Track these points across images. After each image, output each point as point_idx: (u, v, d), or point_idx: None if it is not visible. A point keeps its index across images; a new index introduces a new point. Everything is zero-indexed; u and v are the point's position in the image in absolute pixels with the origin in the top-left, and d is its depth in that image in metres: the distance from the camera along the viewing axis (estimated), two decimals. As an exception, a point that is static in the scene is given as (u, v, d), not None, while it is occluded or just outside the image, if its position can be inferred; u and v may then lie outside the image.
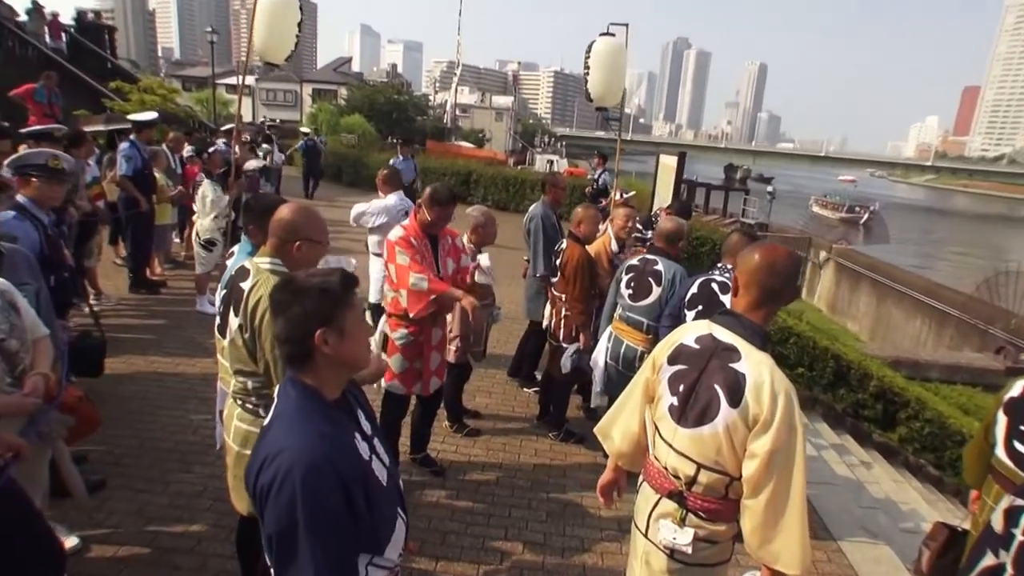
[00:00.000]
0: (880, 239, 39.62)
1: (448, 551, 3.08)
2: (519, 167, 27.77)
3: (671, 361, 1.86)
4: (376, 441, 1.50)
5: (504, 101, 64.07)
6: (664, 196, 8.08)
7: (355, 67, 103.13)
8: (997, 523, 1.37)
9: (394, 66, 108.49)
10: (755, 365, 1.68)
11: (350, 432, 1.39)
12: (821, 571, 3.35)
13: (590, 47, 6.21)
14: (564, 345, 4.18)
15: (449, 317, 3.74)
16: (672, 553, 1.82)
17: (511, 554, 3.13)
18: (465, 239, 4.07)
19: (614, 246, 4.56)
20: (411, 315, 3.20)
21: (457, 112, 45.29)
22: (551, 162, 33.38)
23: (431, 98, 55.84)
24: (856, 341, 13.62)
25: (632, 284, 3.77)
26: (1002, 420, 2.47)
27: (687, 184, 30.87)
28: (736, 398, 1.66)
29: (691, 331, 1.88)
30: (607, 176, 12.36)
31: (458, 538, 3.19)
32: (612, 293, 3.97)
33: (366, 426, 1.50)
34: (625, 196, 7.22)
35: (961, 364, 9.11)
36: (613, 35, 6.27)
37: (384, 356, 3.30)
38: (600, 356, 3.97)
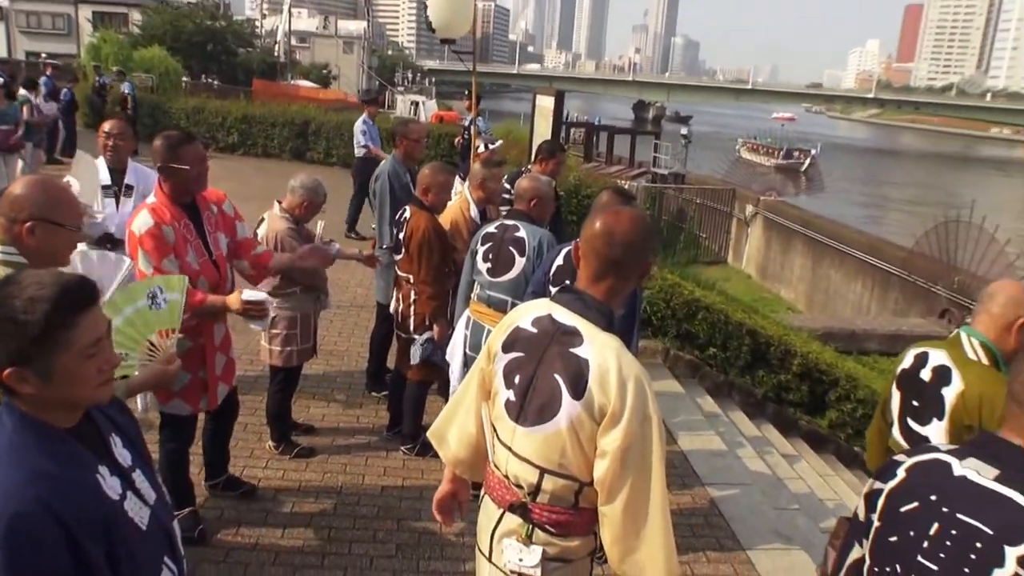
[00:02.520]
0: (817, 188, 42.98)
1: (268, 605, 3.09)
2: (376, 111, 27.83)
3: (506, 348, 1.93)
4: (138, 474, 1.47)
5: (355, 27, 63.49)
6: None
7: None
8: (860, 510, 1.56)
9: None
10: (599, 349, 1.77)
11: (90, 467, 1.35)
12: (725, 589, 3.65)
13: None
14: (414, 336, 4.22)
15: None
16: None
17: (352, 602, 3.17)
18: (278, 210, 4.08)
19: (474, 212, 4.57)
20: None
21: (293, 42, 44.31)
22: (416, 104, 33.34)
23: (258, 25, 53.84)
24: (790, 311, 14.80)
25: (491, 256, 3.82)
26: (896, 396, 2.81)
27: (587, 128, 32.02)
28: (579, 388, 1.75)
29: (529, 312, 1.96)
30: (483, 122, 12.71)
31: (283, 586, 3.20)
32: (467, 269, 4.03)
33: (123, 455, 1.46)
34: (491, 147, 7.31)
35: (902, 332, 10.13)
36: None
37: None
38: (458, 347, 4.05)
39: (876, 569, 1.50)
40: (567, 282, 3.32)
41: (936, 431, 2.61)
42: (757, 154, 55.90)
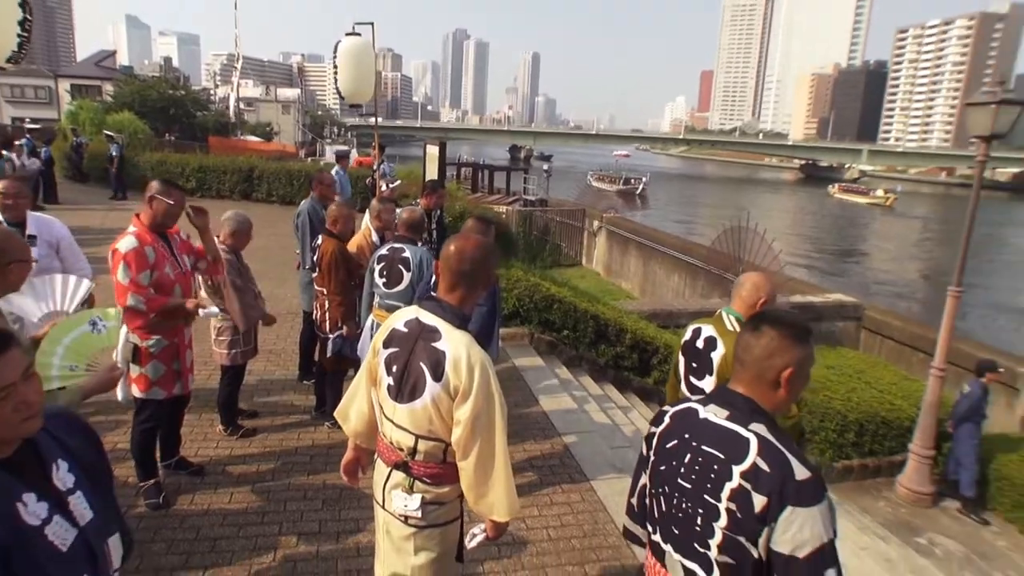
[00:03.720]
0: (647, 206, 44.72)
1: (218, 557, 3.02)
2: (309, 159, 27.50)
3: (386, 345, 1.98)
4: (77, 496, 1.29)
5: (290, 93, 63.39)
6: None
7: (123, 61, 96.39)
8: (643, 448, 1.64)
9: (168, 59, 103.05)
10: (454, 343, 1.85)
11: (10, 494, 1.18)
12: (576, 510, 3.73)
13: (336, 47, 6.24)
14: (329, 335, 4.28)
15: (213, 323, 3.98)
16: (406, 519, 1.96)
17: (285, 548, 3.14)
18: (218, 243, 3.98)
19: (375, 238, 4.72)
20: (130, 329, 3.15)
21: (241, 106, 43.04)
22: (338, 152, 32.79)
23: (212, 92, 51.83)
24: (628, 298, 15.29)
25: (385, 273, 3.89)
26: (681, 360, 2.97)
27: (473, 167, 32.07)
28: (438, 373, 1.83)
29: (402, 316, 2.01)
30: (387, 166, 12.65)
31: (229, 542, 3.14)
32: (368, 283, 4.07)
33: (64, 479, 1.28)
34: (391, 186, 7.20)
35: (705, 309, 10.57)
36: (359, 34, 6.33)
37: (133, 367, 3.21)
38: (366, 344, 4.02)
39: (653, 491, 1.58)
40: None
41: (709, 384, 2.77)
42: (603, 182, 57.61)
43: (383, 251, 3.92)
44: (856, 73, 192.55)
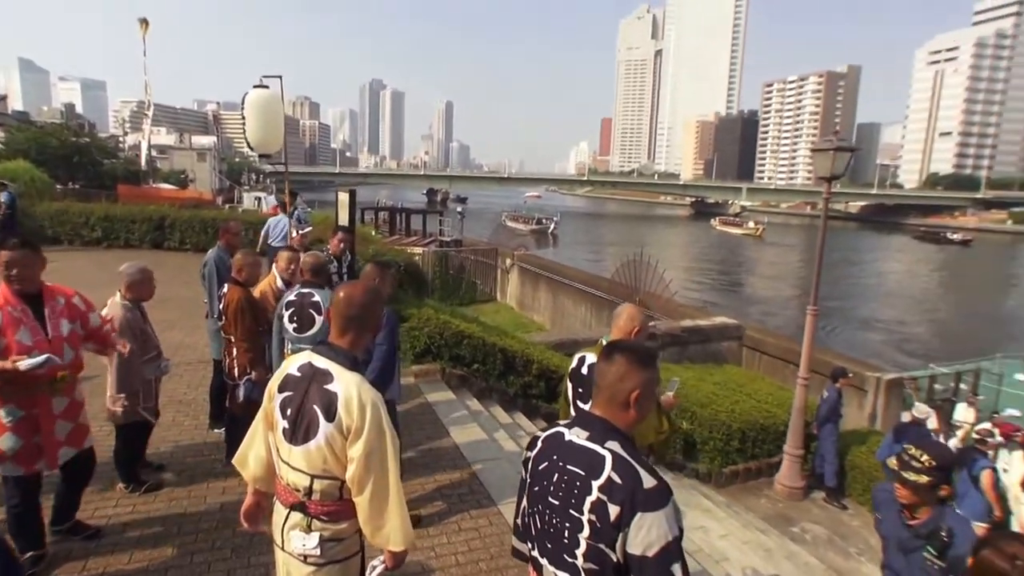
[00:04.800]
0: (558, 243, 45.88)
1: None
2: (227, 206, 26.30)
3: (280, 389, 1.97)
4: None
5: (206, 141, 59.99)
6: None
7: (17, 106, 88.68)
8: (522, 472, 1.75)
9: (71, 106, 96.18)
10: (345, 384, 1.87)
11: None
12: (483, 535, 3.79)
13: (244, 98, 6.16)
14: (239, 382, 4.12)
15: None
16: (305, 558, 1.93)
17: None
18: (119, 297, 3.80)
19: (280, 284, 4.62)
20: None
21: (154, 153, 40.43)
22: (259, 199, 31.80)
23: (122, 140, 48.31)
24: (539, 330, 15.60)
25: (295, 318, 3.80)
26: (569, 386, 3.13)
27: (390, 210, 31.94)
28: (331, 414, 1.84)
29: (296, 361, 2.01)
30: (301, 211, 12.35)
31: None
32: (276, 328, 3.96)
33: None
34: (302, 233, 7.12)
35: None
36: (267, 87, 6.27)
37: None
38: None
39: (530, 510, 1.66)
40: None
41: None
42: (518, 222, 58.71)
43: (291, 296, 3.86)
44: (733, 120, 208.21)
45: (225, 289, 4.22)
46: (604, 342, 3.04)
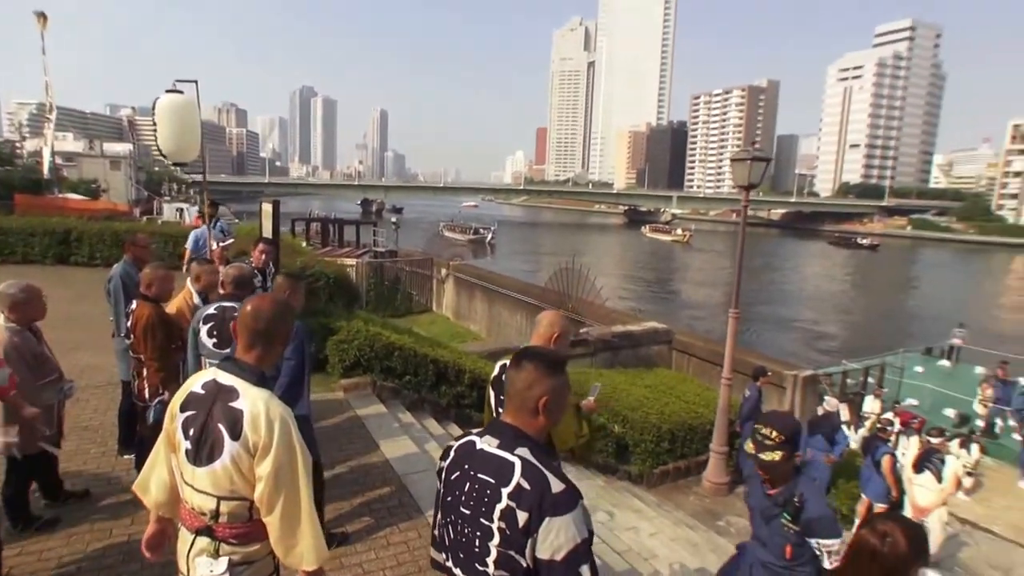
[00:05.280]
0: (495, 252, 46.05)
1: None
2: (145, 218, 24.69)
3: (183, 408, 1.88)
4: None
5: (121, 148, 55.83)
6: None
7: None
8: (437, 482, 1.72)
9: None
10: (252, 401, 1.80)
11: None
12: (412, 547, 3.75)
13: (155, 104, 5.84)
14: (150, 404, 3.86)
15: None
16: None
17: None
18: (2, 319, 3.50)
19: (196, 300, 4.39)
20: None
21: (59, 161, 37.40)
22: (181, 210, 30.17)
23: (19, 145, 44.37)
24: (475, 339, 15.60)
25: (215, 332, 3.63)
26: (491, 393, 3.14)
27: (322, 221, 31.17)
28: (236, 432, 1.77)
29: (200, 378, 1.93)
30: (225, 223, 11.85)
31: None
32: (191, 346, 3.76)
33: None
34: (222, 245, 6.85)
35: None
36: (181, 92, 5.96)
37: None
38: None
39: (443, 520, 1.64)
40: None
41: (511, 413, 2.98)
42: (455, 232, 58.56)
43: (210, 310, 3.69)
44: (664, 131, 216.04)
45: (133, 305, 3.97)
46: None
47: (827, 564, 2.63)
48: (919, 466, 6.57)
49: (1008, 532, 8.87)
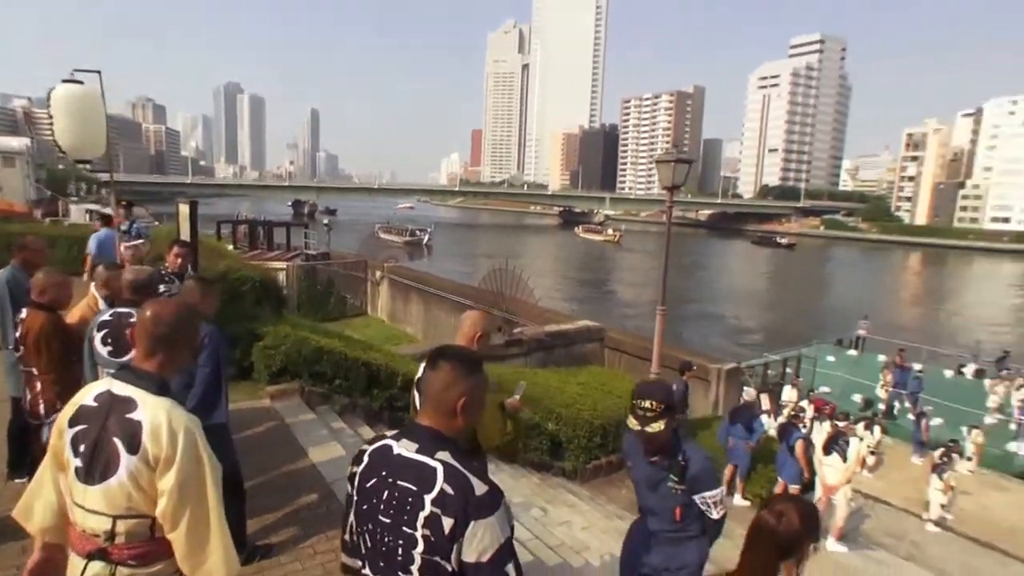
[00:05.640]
0: (432, 253, 45.71)
1: None
2: (48, 220, 22.96)
3: (72, 423, 1.75)
4: None
5: (16, 143, 50.95)
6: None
7: None
8: (348, 488, 1.67)
9: None
10: (152, 411, 1.70)
11: None
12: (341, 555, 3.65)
13: (50, 94, 5.41)
14: (44, 421, 3.57)
15: None
16: None
17: None
18: None
19: (102, 306, 4.08)
20: None
21: None
22: (91, 212, 28.18)
23: None
24: (411, 342, 15.43)
25: (110, 340, 3.40)
26: (416, 394, 3.12)
27: (249, 223, 29.97)
28: (134, 445, 1.66)
29: (92, 390, 1.80)
30: (140, 225, 11.16)
31: None
32: (87, 354, 3.50)
33: None
34: (132, 245, 6.47)
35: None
36: (80, 82, 5.55)
37: None
38: None
39: (359, 529, 1.58)
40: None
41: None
42: (391, 234, 57.71)
43: (105, 316, 3.43)
44: (596, 133, 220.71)
45: (23, 314, 3.67)
46: None
47: (715, 515, 2.70)
48: (828, 448, 7.02)
49: (902, 503, 9.64)
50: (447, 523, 1.40)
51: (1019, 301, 45.12)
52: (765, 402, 12.55)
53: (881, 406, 14.81)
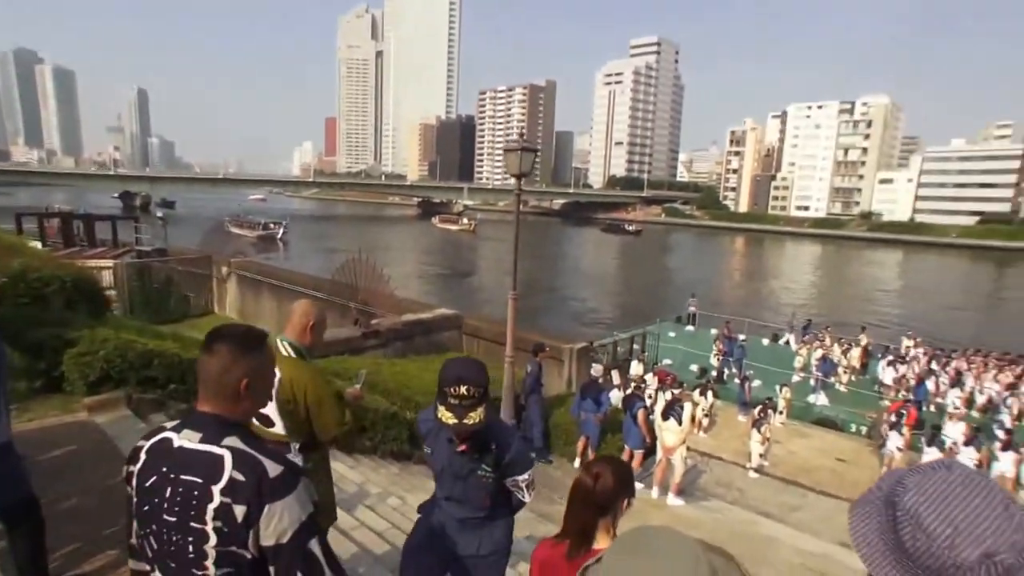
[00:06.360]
0: (288, 248, 43.07)
1: None
2: None
3: None
4: None
5: None
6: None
7: None
8: (129, 489, 1.48)
9: None
10: None
11: None
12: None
13: None
14: None
15: None
16: None
17: None
18: None
19: None
20: None
21: None
22: None
23: None
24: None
25: None
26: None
27: (62, 217, 26.11)
28: None
29: None
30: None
31: None
32: None
33: None
34: None
35: (334, 339, 10.75)
36: None
37: None
38: None
39: (142, 532, 1.47)
40: None
41: (272, 410, 2.79)
42: (242, 228, 53.40)
43: None
44: (453, 124, 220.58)
45: None
46: (278, 341, 2.91)
47: (527, 497, 2.52)
48: (666, 414, 7.69)
49: (731, 456, 10.89)
50: (239, 511, 1.33)
51: (815, 278, 52.76)
52: (616, 377, 13.48)
53: (714, 373, 16.54)
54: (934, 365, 17.08)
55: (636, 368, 14.88)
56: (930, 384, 15.32)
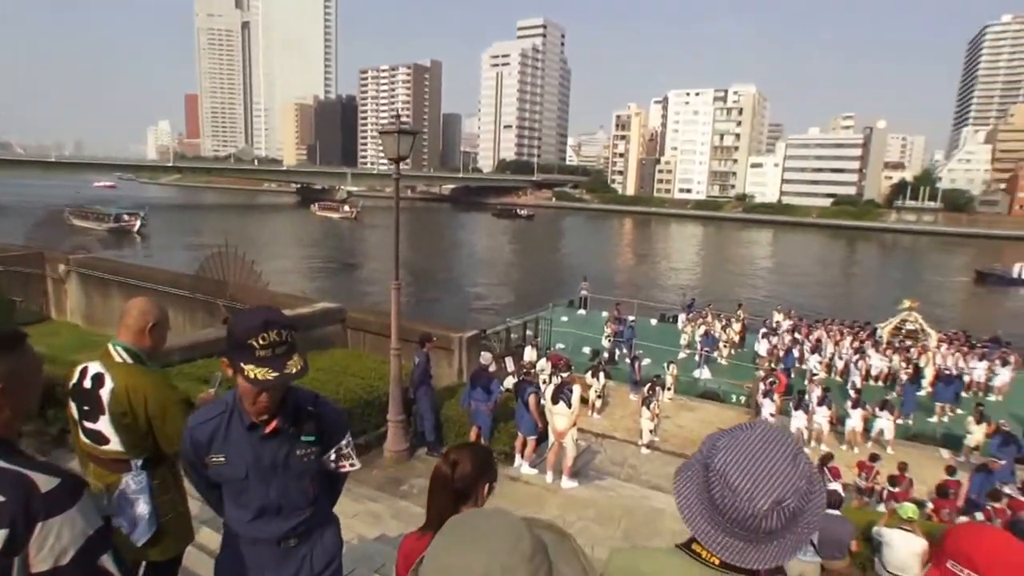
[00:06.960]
0: (148, 243, 39.37)
1: None
2: None
3: None
4: None
5: None
6: None
7: None
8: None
9: None
10: None
11: None
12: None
13: None
14: None
15: None
16: None
17: None
18: None
19: None
20: None
21: None
22: None
23: None
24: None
25: None
26: (72, 406, 2.63)
27: None
28: None
29: None
30: None
31: None
32: None
33: None
34: None
35: (199, 341, 9.99)
36: None
37: None
38: None
39: None
40: None
41: (104, 425, 2.54)
42: (87, 220, 48.05)
43: None
44: (333, 104, 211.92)
45: None
46: (111, 346, 2.68)
47: (355, 464, 2.17)
48: (556, 398, 7.92)
49: (624, 435, 11.49)
50: (1, 535, 1.19)
51: (698, 258, 56.74)
52: (510, 364, 13.69)
53: (606, 355, 17.31)
54: (797, 335, 18.97)
55: (529, 353, 15.21)
56: (796, 352, 17.04)
